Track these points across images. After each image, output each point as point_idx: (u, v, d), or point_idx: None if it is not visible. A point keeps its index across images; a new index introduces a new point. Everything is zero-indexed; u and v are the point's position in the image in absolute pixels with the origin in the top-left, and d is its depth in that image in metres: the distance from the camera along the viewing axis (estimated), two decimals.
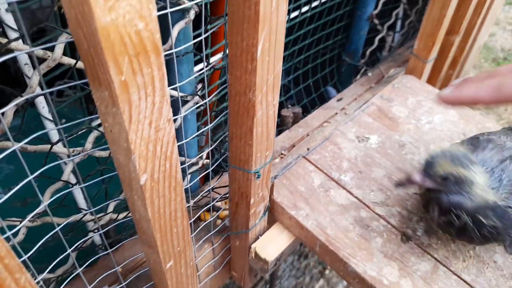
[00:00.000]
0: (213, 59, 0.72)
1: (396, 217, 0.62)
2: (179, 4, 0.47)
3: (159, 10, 0.29)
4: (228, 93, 0.44)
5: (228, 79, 0.43)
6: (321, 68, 1.01)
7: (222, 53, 0.71)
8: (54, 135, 0.54)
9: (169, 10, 0.34)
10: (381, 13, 0.99)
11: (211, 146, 0.56)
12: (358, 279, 0.56)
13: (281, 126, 0.86)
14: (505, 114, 2.73)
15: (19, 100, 0.38)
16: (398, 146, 0.72)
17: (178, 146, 0.67)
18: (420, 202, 0.63)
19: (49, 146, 0.44)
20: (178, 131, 0.64)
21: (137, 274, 0.58)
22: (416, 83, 0.85)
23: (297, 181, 0.66)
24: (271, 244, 0.63)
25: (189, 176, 0.56)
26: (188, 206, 0.53)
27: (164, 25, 0.39)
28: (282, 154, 0.77)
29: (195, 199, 0.58)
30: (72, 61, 0.44)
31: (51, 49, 0.41)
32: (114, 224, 0.54)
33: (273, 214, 0.65)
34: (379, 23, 0.98)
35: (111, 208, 0.57)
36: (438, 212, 0.51)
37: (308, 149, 0.72)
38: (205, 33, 0.44)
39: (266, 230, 0.65)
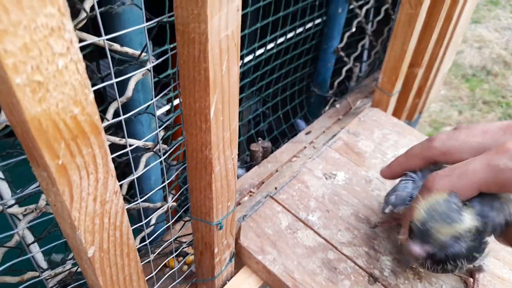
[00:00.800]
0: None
1: (363, 257, 0.62)
2: (137, 59, 0.46)
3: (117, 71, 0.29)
4: (186, 149, 0.44)
5: (185, 136, 0.42)
6: (291, 99, 1.02)
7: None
8: (3, 187, 0.52)
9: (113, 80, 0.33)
10: (347, 45, 1.01)
11: (179, 189, 0.55)
12: None
13: (251, 161, 0.86)
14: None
15: None
16: (364, 181, 0.73)
17: (144, 191, 0.65)
18: (390, 242, 0.64)
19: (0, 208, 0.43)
20: (142, 177, 0.63)
21: None
22: (381, 116, 0.86)
23: (265, 223, 0.65)
24: None
25: (150, 229, 0.55)
26: (148, 261, 0.52)
27: (121, 76, 0.38)
28: (251, 191, 0.77)
29: (159, 250, 0.56)
30: None
31: None
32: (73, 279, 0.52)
33: (241, 257, 0.64)
34: (345, 55, 1.00)
35: (69, 262, 0.55)
36: (430, 263, 0.48)
37: (275, 188, 0.71)
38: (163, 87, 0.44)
39: (234, 275, 0.63)
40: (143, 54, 0.46)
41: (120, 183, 0.43)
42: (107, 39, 0.32)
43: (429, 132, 2.60)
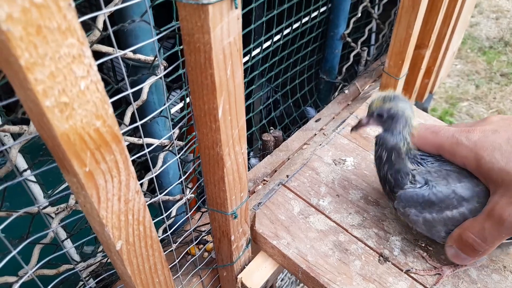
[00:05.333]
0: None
1: (373, 238, 0.65)
2: (149, 64, 0.50)
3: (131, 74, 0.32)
4: (199, 146, 0.47)
5: (197, 135, 0.46)
6: (300, 87, 1.04)
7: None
8: (36, 190, 0.57)
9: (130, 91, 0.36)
10: (354, 30, 1.02)
11: (197, 181, 0.59)
12: None
13: (263, 150, 0.89)
14: (494, 102, 2.76)
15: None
16: (373, 166, 0.75)
17: (164, 185, 0.69)
18: (399, 223, 0.66)
19: (36, 209, 0.47)
20: (161, 172, 0.67)
21: None
22: None
23: (278, 210, 0.68)
24: (256, 273, 0.65)
25: (171, 220, 0.59)
26: (171, 250, 0.56)
27: (136, 82, 0.42)
28: (264, 180, 0.80)
29: (180, 239, 0.60)
30: None
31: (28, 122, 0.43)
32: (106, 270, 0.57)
33: (257, 243, 0.68)
34: (352, 40, 1.01)
35: (100, 254, 0.60)
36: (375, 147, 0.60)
37: (287, 176, 0.74)
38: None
39: (251, 259, 0.67)
40: (155, 59, 0.49)
41: (141, 181, 0.47)
42: (120, 49, 0.36)
43: (445, 109, 2.57)
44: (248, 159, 0.89)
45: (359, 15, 0.98)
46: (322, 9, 0.95)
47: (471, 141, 0.51)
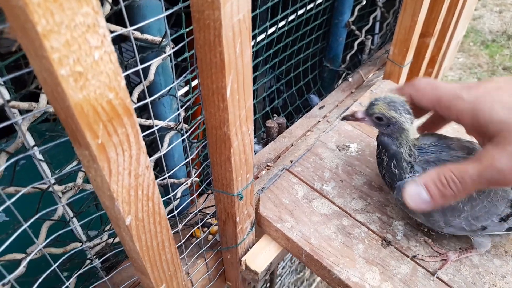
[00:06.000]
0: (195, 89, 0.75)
1: (377, 223, 0.66)
2: (157, 45, 0.50)
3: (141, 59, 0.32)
4: (206, 126, 0.47)
5: (204, 115, 0.46)
6: (304, 75, 1.04)
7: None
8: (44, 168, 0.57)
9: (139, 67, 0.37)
10: (358, 18, 1.02)
11: (200, 166, 0.59)
12: (342, 285, 0.60)
13: (267, 137, 0.90)
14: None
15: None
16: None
17: (168, 168, 0.70)
18: (399, 207, 0.67)
19: (45, 187, 0.48)
20: (166, 155, 0.68)
21: None
22: (393, 87, 0.88)
23: (282, 194, 0.69)
24: (260, 256, 0.66)
25: (176, 202, 0.60)
26: (177, 231, 0.56)
27: (143, 62, 0.42)
28: (268, 166, 0.80)
29: (185, 221, 0.61)
30: None
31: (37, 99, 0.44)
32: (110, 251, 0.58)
33: (261, 227, 0.68)
34: (357, 29, 1.01)
35: (106, 234, 0.60)
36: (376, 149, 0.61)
37: (291, 161, 0.75)
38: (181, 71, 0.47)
39: (255, 242, 0.68)
40: (163, 39, 0.49)
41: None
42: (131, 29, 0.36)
43: None
44: None
45: (364, 2, 0.98)
46: None
47: (471, 96, 0.48)
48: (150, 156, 0.51)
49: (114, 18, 0.47)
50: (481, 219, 0.55)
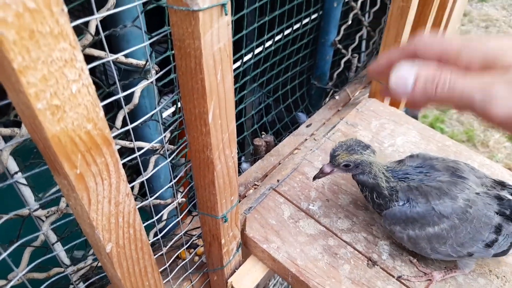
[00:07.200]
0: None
1: (362, 242, 0.66)
2: (141, 69, 0.50)
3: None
4: (189, 149, 0.48)
5: (188, 138, 0.46)
6: (292, 93, 1.05)
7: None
8: (26, 193, 0.57)
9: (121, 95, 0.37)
10: (344, 37, 1.03)
11: (188, 185, 0.59)
12: None
13: (255, 155, 0.90)
14: None
15: None
16: None
17: (155, 189, 0.70)
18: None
19: (27, 212, 0.47)
20: (152, 176, 0.67)
21: None
22: (379, 106, 0.89)
23: (268, 214, 0.69)
24: (247, 277, 0.66)
25: (162, 224, 0.60)
26: (161, 254, 0.56)
27: (128, 86, 0.42)
28: (255, 184, 0.81)
29: (170, 244, 0.61)
30: None
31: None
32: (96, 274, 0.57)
33: (247, 247, 0.68)
34: (343, 47, 1.02)
35: (91, 258, 0.60)
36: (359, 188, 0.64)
37: (278, 180, 0.75)
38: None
39: (242, 263, 0.68)
40: (147, 63, 0.50)
41: (131, 184, 0.48)
42: (112, 53, 0.36)
43: (436, 115, 2.60)
44: (240, 163, 0.89)
45: (350, 22, 1.00)
46: (313, 16, 0.96)
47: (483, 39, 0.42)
48: (136, 176, 0.51)
49: (99, 42, 0.48)
50: (466, 245, 0.56)
